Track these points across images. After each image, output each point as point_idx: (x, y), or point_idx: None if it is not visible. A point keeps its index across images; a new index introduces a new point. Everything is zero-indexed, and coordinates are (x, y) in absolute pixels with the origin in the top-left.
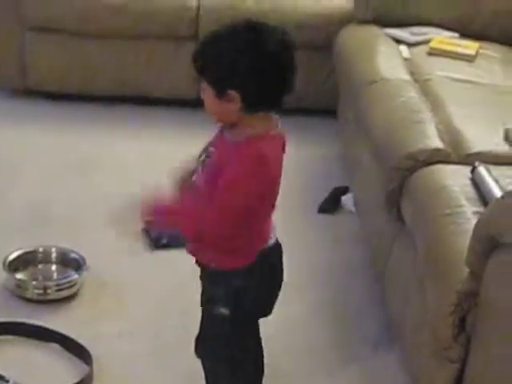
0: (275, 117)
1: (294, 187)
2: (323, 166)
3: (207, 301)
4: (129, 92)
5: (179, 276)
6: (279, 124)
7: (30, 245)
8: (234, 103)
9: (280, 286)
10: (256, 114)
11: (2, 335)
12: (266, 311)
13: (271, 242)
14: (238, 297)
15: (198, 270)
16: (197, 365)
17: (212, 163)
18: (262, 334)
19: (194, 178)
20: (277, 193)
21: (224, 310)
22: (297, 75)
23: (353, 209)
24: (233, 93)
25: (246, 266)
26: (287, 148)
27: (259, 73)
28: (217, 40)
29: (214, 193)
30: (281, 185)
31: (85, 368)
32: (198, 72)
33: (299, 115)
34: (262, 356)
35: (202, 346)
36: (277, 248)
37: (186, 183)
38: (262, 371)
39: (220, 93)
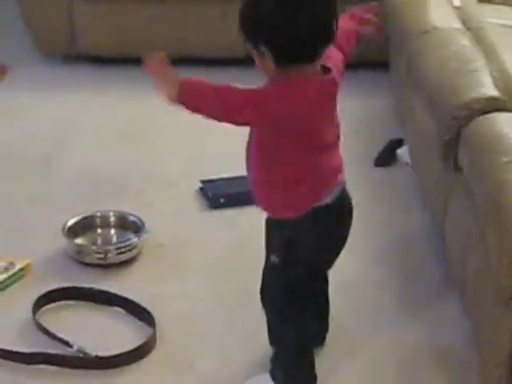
0: (318, 67)
1: (349, 140)
2: (377, 118)
3: (266, 248)
4: (179, 53)
5: (237, 236)
6: (329, 71)
7: (87, 210)
8: (267, 58)
9: (341, 245)
10: (293, 67)
11: (65, 300)
12: (323, 267)
13: (327, 200)
14: (288, 247)
15: (256, 228)
16: (260, 323)
17: None
18: (334, 285)
19: None
20: (314, 134)
21: (275, 259)
22: (335, 27)
23: (409, 161)
24: (263, 48)
25: (297, 217)
26: (341, 101)
27: (285, 28)
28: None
29: None
30: None
31: (148, 330)
32: (241, 31)
33: (350, 69)
34: (325, 312)
35: (262, 293)
36: (336, 207)
37: None
38: (323, 327)
39: (255, 49)
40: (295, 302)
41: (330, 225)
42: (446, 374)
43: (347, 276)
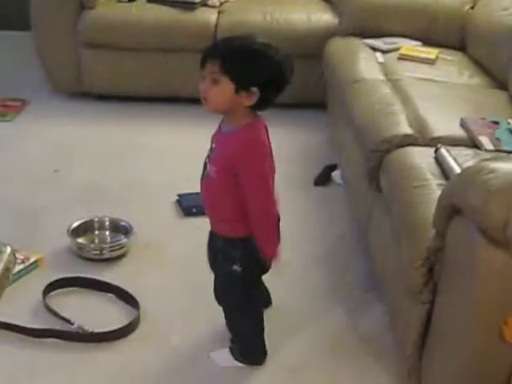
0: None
1: (294, 166)
2: (316, 148)
3: (223, 260)
4: (161, 93)
5: (204, 238)
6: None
7: (87, 216)
8: (250, 99)
9: None
10: (262, 109)
11: (68, 287)
12: (268, 268)
13: None
14: (250, 258)
15: None
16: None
17: (217, 155)
18: (271, 277)
19: (207, 170)
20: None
21: (237, 268)
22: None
23: (341, 182)
24: (255, 90)
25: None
26: (288, 134)
27: (279, 79)
28: (250, 45)
29: (229, 179)
30: (284, 164)
31: (133, 312)
32: (223, 68)
33: (297, 109)
34: (267, 296)
35: (219, 297)
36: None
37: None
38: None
39: (242, 88)
40: (249, 296)
41: None
42: (366, 351)
43: (288, 271)
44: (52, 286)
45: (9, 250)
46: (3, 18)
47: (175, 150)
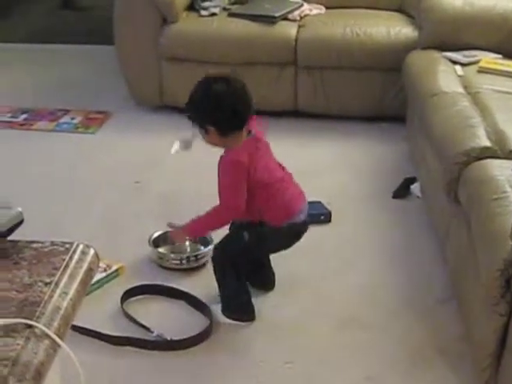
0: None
1: (372, 178)
2: (395, 160)
3: (239, 226)
4: None
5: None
6: (253, 130)
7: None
8: (213, 133)
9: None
10: (232, 135)
11: (147, 295)
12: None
13: (299, 219)
14: (260, 236)
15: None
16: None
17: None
18: (353, 287)
19: None
20: (263, 175)
21: (246, 235)
22: (251, 103)
23: (419, 194)
24: (210, 127)
25: (274, 226)
26: (367, 146)
27: (218, 112)
28: (190, 98)
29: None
30: (362, 176)
31: (205, 320)
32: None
33: (377, 121)
34: (272, 280)
35: (215, 253)
36: (304, 225)
37: None
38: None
39: (203, 129)
40: (237, 261)
41: (298, 236)
42: (443, 363)
43: (368, 277)
44: (130, 293)
45: (92, 251)
46: (88, 33)
47: None
